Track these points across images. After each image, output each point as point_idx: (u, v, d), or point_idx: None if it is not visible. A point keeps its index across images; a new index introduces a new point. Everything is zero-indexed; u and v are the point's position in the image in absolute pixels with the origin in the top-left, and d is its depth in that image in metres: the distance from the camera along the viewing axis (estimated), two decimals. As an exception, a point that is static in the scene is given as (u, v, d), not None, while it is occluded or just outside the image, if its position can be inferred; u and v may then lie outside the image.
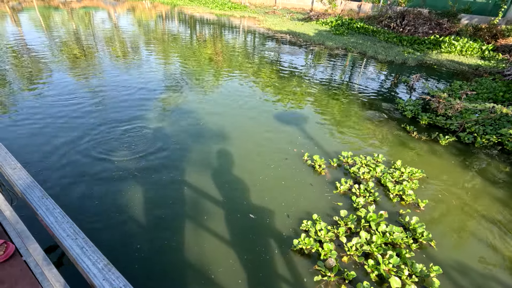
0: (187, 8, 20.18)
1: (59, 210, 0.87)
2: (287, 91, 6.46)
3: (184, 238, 2.67)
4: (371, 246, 2.68)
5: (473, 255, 2.78)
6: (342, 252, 2.68)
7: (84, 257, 0.73)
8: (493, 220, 3.22)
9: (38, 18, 13.69)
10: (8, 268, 1.31)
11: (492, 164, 4.28)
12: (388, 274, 2.45)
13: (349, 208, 3.22)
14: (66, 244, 0.77)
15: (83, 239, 0.78)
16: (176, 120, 4.77)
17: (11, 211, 1.37)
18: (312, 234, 2.77)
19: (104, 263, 0.72)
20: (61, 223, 0.82)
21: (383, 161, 4.07)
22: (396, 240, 2.75)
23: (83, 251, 0.74)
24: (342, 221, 2.95)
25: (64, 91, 5.59)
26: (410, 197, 3.36)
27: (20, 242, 1.35)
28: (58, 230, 0.80)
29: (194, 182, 3.39)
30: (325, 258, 2.56)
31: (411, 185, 3.53)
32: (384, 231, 2.84)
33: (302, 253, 2.64)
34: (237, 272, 2.42)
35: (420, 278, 2.46)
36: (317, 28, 14.61)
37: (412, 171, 3.80)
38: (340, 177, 3.68)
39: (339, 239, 2.78)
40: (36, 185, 0.98)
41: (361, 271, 2.53)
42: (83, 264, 0.71)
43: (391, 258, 2.52)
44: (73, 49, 8.65)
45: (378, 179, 3.73)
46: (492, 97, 6.60)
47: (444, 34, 12.85)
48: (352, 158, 4.03)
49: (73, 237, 0.78)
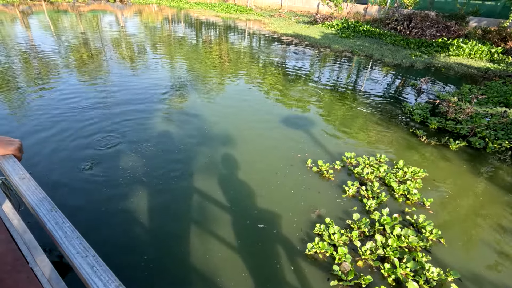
0: (193, 11, 20.34)
1: (69, 224, 0.85)
2: (293, 95, 6.42)
3: (194, 250, 2.63)
4: (387, 249, 2.64)
5: (485, 258, 2.69)
6: (357, 256, 2.64)
7: (94, 277, 0.70)
8: (504, 225, 3.13)
9: (47, 21, 13.90)
10: (15, 274, 1.28)
11: (504, 169, 4.18)
12: (405, 278, 2.41)
13: (361, 211, 3.18)
14: (75, 262, 0.74)
15: (94, 257, 0.75)
16: (181, 124, 4.75)
17: (19, 220, 1.36)
18: (326, 238, 2.74)
19: (116, 284, 0.69)
20: (71, 238, 0.80)
21: (387, 162, 4.00)
22: (412, 244, 2.72)
23: (93, 270, 0.71)
24: (355, 225, 2.91)
25: (70, 94, 5.63)
26: (415, 196, 3.37)
27: (27, 251, 1.33)
28: (67, 247, 0.78)
29: (201, 189, 3.36)
30: (339, 262, 2.53)
31: (415, 185, 3.55)
32: (399, 235, 2.81)
33: (317, 257, 2.60)
34: (249, 278, 2.37)
35: (437, 282, 2.42)
36: (323, 31, 14.58)
37: (415, 170, 3.80)
38: (347, 180, 3.63)
39: (353, 243, 2.74)
40: (46, 197, 0.95)
41: (377, 275, 2.48)
42: (94, 285, 0.68)
43: (408, 262, 2.49)
44: (81, 51, 8.74)
45: (382, 180, 3.72)
46: (503, 101, 6.47)
47: (452, 36, 12.70)
48: (355, 159, 4.00)
49: (83, 255, 0.75)
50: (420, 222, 2.96)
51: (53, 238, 0.83)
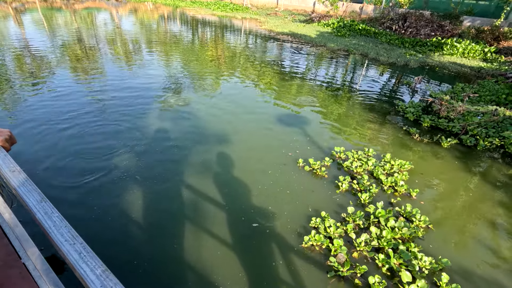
0: (189, 10, 20.25)
1: (58, 214, 0.86)
2: (287, 93, 6.45)
3: (186, 243, 2.65)
4: (381, 241, 2.74)
5: (473, 247, 2.75)
6: (352, 248, 2.72)
7: (82, 263, 0.72)
8: (493, 220, 3.19)
9: (41, 19, 13.76)
10: (7, 270, 1.30)
11: (494, 166, 4.25)
12: (399, 268, 2.51)
13: (355, 205, 3.27)
14: (64, 249, 0.76)
15: (81, 244, 0.77)
16: (176, 122, 4.76)
17: (10, 214, 1.37)
18: (322, 231, 2.81)
19: (102, 269, 0.71)
20: (59, 227, 0.81)
21: (374, 156, 4.06)
22: (405, 235, 2.82)
23: (81, 256, 0.73)
24: (350, 218, 3.00)
25: (64, 91, 5.60)
26: (403, 187, 3.52)
27: (19, 245, 1.34)
28: (56, 235, 0.79)
29: (195, 187, 3.38)
30: (335, 254, 2.61)
31: (402, 177, 3.70)
32: (393, 226, 2.91)
33: (313, 249, 2.68)
34: (246, 274, 2.40)
35: (429, 271, 2.52)
36: (319, 30, 14.62)
37: (401, 163, 3.95)
38: (339, 175, 3.69)
39: (348, 235, 2.83)
40: (35, 188, 0.97)
41: (372, 265, 2.58)
42: (81, 270, 0.70)
43: (402, 253, 2.58)
44: (75, 50, 8.68)
45: (373, 176, 3.80)
46: (494, 100, 6.56)
47: (446, 36, 12.82)
48: (344, 153, 4.03)
49: (71, 242, 0.77)
50: (408, 211, 3.11)
51: (42, 228, 0.85)
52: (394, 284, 2.43)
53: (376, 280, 2.33)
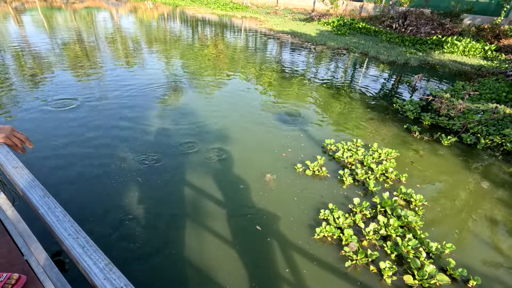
0: (189, 9, 20.22)
1: (61, 209, 0.87)
2: (288, 92, 6.45)
3: (188, 240, 2.66)
4: (389, 229, 2.87)
5: (476, 230, 2.77)
6: (361, 237, 2.84)
7: (85, 256, 0.73)
8: (494, 219, 3.20)
9: (40, 18, 13.75)
10: (9, 267, 1.30)
11: (495, 164, 4.26)
12: (407, 255, 2.62)
13: (361, 197, 3.39)
14: (67, 243, 0.77)
15: (84, 238, 0.78)
16: (176, 121, 4.76)
17: (13, 210, 1.38)
18: (332, 222, 2.91)
19: (106, 262, 0.71)
20: (62, 222, 0.82)
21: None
22: (411, 224, 2.95)
23: (84, 250, 0.74)
24: (357, 209, 3.11)
25: (65, 91, 5.60)
26: (392, 174, 3.72)
27: (21, 241, 1.35)
28: (59, 229, 0.80)
29: (195, 187, 3.39)
30: (347, 243, 2.72)
31: (390, 164, 3.89)
32: (399, 215, 3.04)
33: (325, 240, 2.77)
34: (256, 270, 2.41)
35: (436, 256, 2.67)
36: (319, 29, 14.60)
37: (388, 151, 4.17)
38: (342, 173, 3.69)
39: (357, 225, 2.95)
40: (38, 184, 0.98)
41: (381, 252, 2.70)
42: (84, 263, 0.71)
43: (409, 241, 2.69)
44: (75, 49, 8.68)
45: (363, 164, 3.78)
46: (495, 98, 6.56)
47: (447, 34, 12.80)
48: (343, 149, 4.04)
49: (74, 236, 0.78)
50: (404, 192, 3.35)
51: (45, 223, 0.85)
52: (404, 270, 2.55)
53: (387, 266, 2.45)
